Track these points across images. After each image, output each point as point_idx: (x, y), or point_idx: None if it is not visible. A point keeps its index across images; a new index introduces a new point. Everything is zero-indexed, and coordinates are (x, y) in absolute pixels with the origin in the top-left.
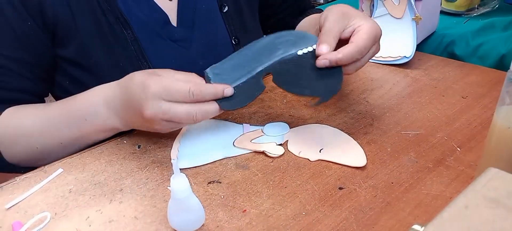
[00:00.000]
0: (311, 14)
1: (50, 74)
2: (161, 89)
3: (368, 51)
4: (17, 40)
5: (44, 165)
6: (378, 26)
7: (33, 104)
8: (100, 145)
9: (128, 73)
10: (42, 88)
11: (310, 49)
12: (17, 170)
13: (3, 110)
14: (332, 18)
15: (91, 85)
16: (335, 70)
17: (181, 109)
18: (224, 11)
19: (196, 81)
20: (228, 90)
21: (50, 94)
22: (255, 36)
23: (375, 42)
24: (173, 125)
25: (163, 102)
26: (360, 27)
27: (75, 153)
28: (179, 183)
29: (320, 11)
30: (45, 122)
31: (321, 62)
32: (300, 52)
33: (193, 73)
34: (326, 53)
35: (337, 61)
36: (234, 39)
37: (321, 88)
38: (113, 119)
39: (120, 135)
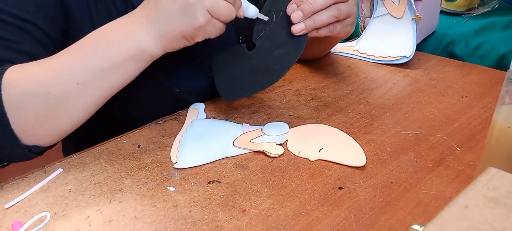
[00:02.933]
0: None
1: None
2: None
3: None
4: (36, 6)
5: (56, 132)
6: None
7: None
8: (99, 145)
9: None
10: None
11: None
12: (27, 156)
13: (5, 69)
14: None
15: None
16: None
17: None
18: None
19: None
20: (241, 12)
21: None
22: None
23: None
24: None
25: None
26: None
27: (97, 105)
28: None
29: None
30: (60, 60)
31: (297, 28)
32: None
33: None
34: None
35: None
36: (241, 38)
37: (289, 50)
38: (142, 30)
39: (120, 135)
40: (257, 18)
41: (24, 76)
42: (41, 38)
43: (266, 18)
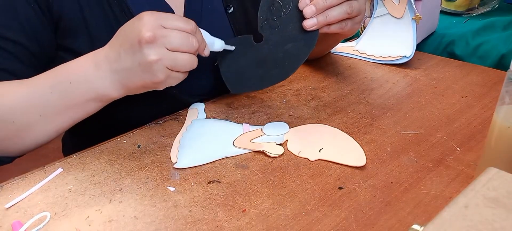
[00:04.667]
0: None
1: (43, 65)
2: (158, 15)
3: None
4: (18, 22)
5: (21, 150)
6: None
7: (16, 80)
8: (99, 145)
9: None
10: (31, 76)
11: None
12: None
13: None
14: None
15: None
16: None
17: (180, 35)
18: (229, 11)
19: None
20: (206, 51)
21: None
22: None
23: None
24: (172, 56)
25: (161, 26)
26: None
27: (57, 134)
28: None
29: None
30: (25, 92)
31: (309, 23)
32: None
33: None
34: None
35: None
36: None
37: (301, 43)
38: (103, 78)
39: (120, 135)
40: (260, 7)
41: None
42: (21, 55)
43: (232, 48)
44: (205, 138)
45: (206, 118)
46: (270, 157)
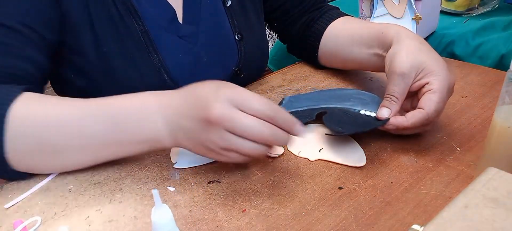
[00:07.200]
0: (333, 13)
1: (54, 57)
2: (236, 95)
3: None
4: (34, 10)
5: (49, 171)
6: (451, 77)
7: (59, 97)
8: None
9: (138, 65)
10: (48, 66)
11: (373, 114)
12: (19, 177)
13: (19, 91)
14: (401, 69)
15: (99, 78)
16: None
17: (251, 122)
18: (227, 5)
19: (273, 103)
20: (299, 128)
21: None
22: (258, 33)
23: (448, 99)
24: (235, 143)
25: (233, 108)
26: (432, 86)
27: (94, 164)
28: (161, 216)
29: (334, 8)
30: (73, 117)
31: (388, 127)
32: (362, 112)
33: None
34: (394, 119)
35: (405, 128)
36: (237, 34)
37: (356, 128)
38: (164, 128)
39: None
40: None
41: (34, 119)
42: (39, 43)
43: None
44: None
45: None
46: (270, 157)
